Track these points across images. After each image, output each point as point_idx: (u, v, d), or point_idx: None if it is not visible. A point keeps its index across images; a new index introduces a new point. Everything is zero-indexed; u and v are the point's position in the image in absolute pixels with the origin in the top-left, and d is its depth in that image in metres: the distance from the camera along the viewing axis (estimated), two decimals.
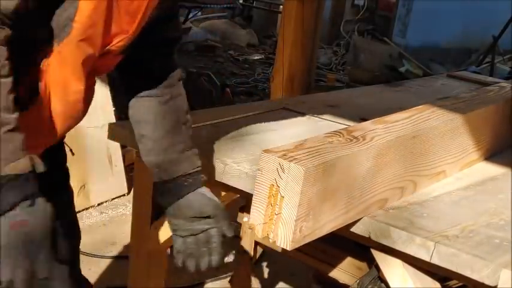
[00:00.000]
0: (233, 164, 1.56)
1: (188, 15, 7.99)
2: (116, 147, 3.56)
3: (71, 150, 1.61)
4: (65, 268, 1.44)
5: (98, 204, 3.50)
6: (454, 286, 1.57)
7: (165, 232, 1.87)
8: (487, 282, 1.25)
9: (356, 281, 1.59)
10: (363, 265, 1.69)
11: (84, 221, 3.29)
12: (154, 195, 1.48)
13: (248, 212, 1.28)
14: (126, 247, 2.97)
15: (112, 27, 1.17)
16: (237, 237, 1.85)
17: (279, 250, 1.90)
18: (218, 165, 1.57)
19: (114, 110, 3.59)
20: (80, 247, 1.60)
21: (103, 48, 1.19)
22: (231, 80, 6.79)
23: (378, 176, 1.43)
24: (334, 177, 1.28)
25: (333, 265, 1.85)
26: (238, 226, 1.84)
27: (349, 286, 1.67)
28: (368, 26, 8.01)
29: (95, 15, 1.12)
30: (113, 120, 3.46)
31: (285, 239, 1.23)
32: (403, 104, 2.07)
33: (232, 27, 9.04)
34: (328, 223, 1.32)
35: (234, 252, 2.51)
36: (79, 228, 1.58)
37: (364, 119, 1.76)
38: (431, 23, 7.37)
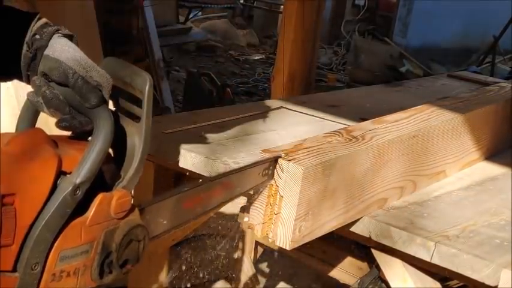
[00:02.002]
0: (233, 164, 1.56)
1: (189, 15, 7.99)
2: None
3: None
4: None
5: None
6: (454, 286, 1.57)
7: None
8: (488, 282, 1.25)
9: (356, 281, 1.59)
10: (364, 265, 1.69)
11: None
12: None
13: (248, 212, 1.28)
14: None
15: None
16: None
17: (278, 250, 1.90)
18: (219, 165, 1.57)
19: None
20: None
21: None
22: (231, 80, 6.80)
23: (378, 175, 1.42)
24: (333, 176, 1.28)
25: (334, 265, 1.86)
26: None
27: (349, 286, 1.67)
28: (368, 26, 8.01)
29: None
30: None
31: (284, 238, 1.23)
32: (403, 104, 2.07)
33: (233, 27, 9.04)
34: (327, 223, 1.32)
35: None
36: None
37: (364, 119, 1.76)
38: (432, 23, 7.37)
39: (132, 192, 0.94)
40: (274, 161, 1.22)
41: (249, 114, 2.03)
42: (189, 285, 2.93)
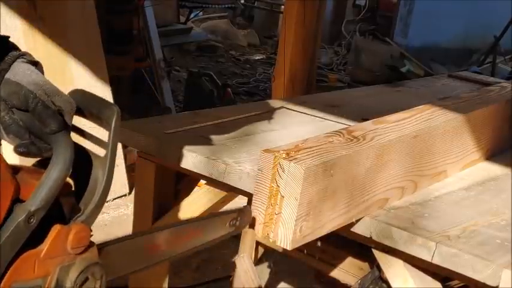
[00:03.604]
0: (234, 164, 1.56)
1: (189, 15, 7.99)
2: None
3: None
4: None
5: None
6: (455, 286, 1.57)
7: None
8: (489, 282, 1.25)
9: (357, 281, 1.59)
10: (365, 265, 1.69)
11: None
12: None
13: None
14: None
15: None
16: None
17: (280, 250, 1.89)
18: (219, 165, 1.57)
19: None
20: None
21: None
22: (232, 80, 6.79)
23: (378, 175, 1.42)
24: (334, 176, 1.28)
25: (334, 265, 1.86)
26: None
27: (350, 286, 1.67)
28: (369, 26, 8.00)
29: None
30: None
31: (285, 238, 1.23)
32: (404, 104, 2.06)
33: (234, 27, 9.04)
34: (328, 223, 1.32)
35: None
36: None
37: (365, 119, 1.76)
38: (433, 23, 7.36)
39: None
40: (240, 211, 1.21)
41: (250, 114, 2.03)
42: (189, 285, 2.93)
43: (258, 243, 2.36)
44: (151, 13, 5.03)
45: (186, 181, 1.82)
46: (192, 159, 1.60)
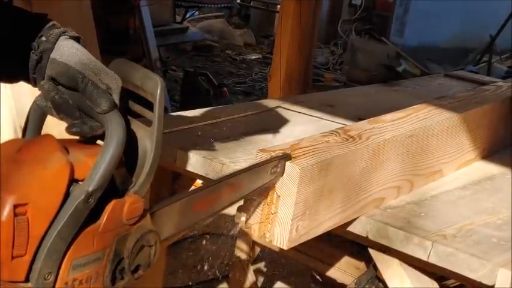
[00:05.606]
0: (230, 164, 1.56)
1: (185, 15, 7.99)
2: None
3: None
4: None
5: None
6: (451, 285, 1.57)
7: None
8: (485, 281, 1.25)
9: (353, 281, 1.59)
10: (361, 264, 1.69)
11: None
12: None
13: (245, 211, 1.28)
14: None
15: None
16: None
17: (276, 249, 1.89)
18: (216, 164, 1.57)
19: None
20: None
21: None
22: (228, 79, 6.80)
23: (374, 175, 1.43)
24: (330, 176, 1.28)
25: (331, 264, 1.86)
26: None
27: (346, 285, 1.67)
28: (365, 26, 8.02)
29: None
30: None
31: (281, 238, 1.23)
32: (400, 104, 2.07)
33: (230, 27, 9.04)
34: (324, 222, 1.32)
35: None
36: None
37: (361, 119, 1.76)
38: (429, 22, 7.37)
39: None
40: (280, 158, 1.21)
41: (246, 114, 2.03)
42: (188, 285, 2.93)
43: (254, 243, 2.36)
44: (148, 13, 5.03)
45: (182, 181, 1.82)
46: (188, 158, 1.60)
